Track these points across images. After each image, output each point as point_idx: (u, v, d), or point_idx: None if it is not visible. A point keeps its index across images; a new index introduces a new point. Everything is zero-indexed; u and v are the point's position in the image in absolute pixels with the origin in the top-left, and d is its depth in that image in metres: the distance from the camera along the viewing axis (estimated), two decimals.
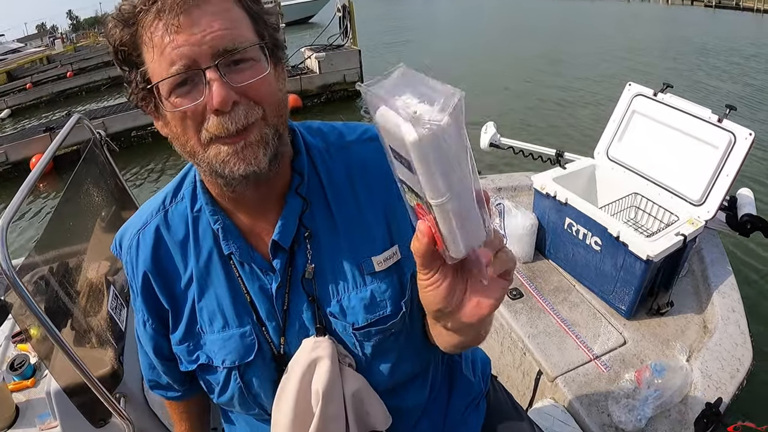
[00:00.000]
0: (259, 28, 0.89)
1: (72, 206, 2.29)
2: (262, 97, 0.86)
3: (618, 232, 2.63)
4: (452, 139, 0.54)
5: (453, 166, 0.56)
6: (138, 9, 0.82)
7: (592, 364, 2.53)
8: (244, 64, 0.84)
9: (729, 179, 2.71)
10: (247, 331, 1.03)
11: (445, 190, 0.57)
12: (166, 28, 0.80)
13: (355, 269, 1.02)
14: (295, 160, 1.03)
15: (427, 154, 0.54)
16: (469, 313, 0.70)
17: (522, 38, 22.56)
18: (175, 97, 0.84)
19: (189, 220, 1.04)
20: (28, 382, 2.32)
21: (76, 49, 38.70)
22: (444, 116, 0.52)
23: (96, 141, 2.55)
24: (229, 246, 1.01)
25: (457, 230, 0.61)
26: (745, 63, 15.69)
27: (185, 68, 0.81)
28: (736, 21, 30.28)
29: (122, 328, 2.08)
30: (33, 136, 10.36)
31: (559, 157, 3.63)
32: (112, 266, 2.29)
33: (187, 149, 0.90)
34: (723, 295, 2.81)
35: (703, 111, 2.86)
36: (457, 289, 0.69)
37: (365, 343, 1.04)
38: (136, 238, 1.07)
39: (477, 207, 0.61)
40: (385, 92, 0.57)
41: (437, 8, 48.53)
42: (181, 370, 1.11)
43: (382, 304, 1.02)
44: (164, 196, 1.09)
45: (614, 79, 12.99)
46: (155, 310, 1.09)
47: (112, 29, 0.86)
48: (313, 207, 1.02)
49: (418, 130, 0.52)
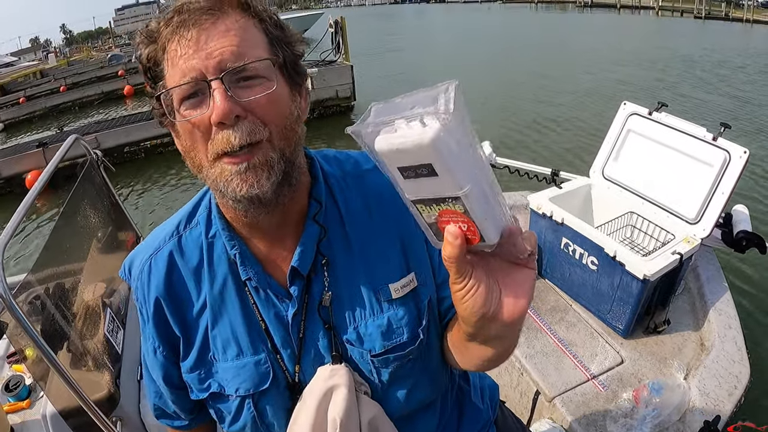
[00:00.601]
0: (275, 50, 0.89)
1: (69, 227, 2.29)
2: (268, 116, 0.85)
3: (615, 251, 2.64)
4: (462, 127, 0.56)
5: (469, 152, 0.58)
6: (161, 25, 0.85)
7: (590, 384, 2.52)
8: (254, 80, 0.84)
9: (724, 197, 2.72)
10: (262, 359, 1.02)
11: (470, 177, 0.58)
12: (180, 42, 0.82)
13: (372, 296, 1.02)
14: (314, 188, 1.02)
15: (449, 146, 0.55)
16: (509, 311, 0.72)
17: (513, 53, 22.66)
18: (184, 108, 0.85)
19: (204, 246, 1.03)
20: (23, 404, 2.30)
21: (69, 63, 38.90)
22: (451, 106, 0.54)
23: (93, 161, 2.55)
24: (246, 272, 1.00)
25: (488, 214, 0.62)
26: (732, 75, 15.85)
27: (192, 80, 0.82)
28: (725, 32, 30.54)
29: (118, 351, 2.08)
30: (26, 151, 10.32)
31: (555, 176, 3.64)
32: (108, 288, 2.28)
33: (196, 163, 0.89)
34: (719, 312, 2.82)
35: (697, 129, 2.88)
36: (493, 290, 0.71)
37: (383, 369, 1.03)
38: (148, 263, 1.06)
39: (494, 189, 0.63)
40: (376, 122, 0.59)
41: (428, 23, 48.96)
42: (192, 398, 1.09)
43: (398, 331, 1.02)
44: (178, 221, 1.08)
45: (605, 95, 13.13)
46: (166, 337, 1.07)
47: (139, 45, 0.89)
48: (331, 234, 1.02)
49: (433, 127, 0.54)
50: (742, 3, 42.92)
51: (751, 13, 37.64)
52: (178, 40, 0.83)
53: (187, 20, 0.82)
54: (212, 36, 0.82)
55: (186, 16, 0.82)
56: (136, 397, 2.05)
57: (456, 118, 0.54)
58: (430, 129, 0.54)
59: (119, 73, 23.47)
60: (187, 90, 0.83)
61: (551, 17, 49.49)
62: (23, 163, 10.06)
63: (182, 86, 0.83)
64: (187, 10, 0.83)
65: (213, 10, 0.83)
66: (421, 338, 1.04)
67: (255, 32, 0.87)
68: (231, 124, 0.82)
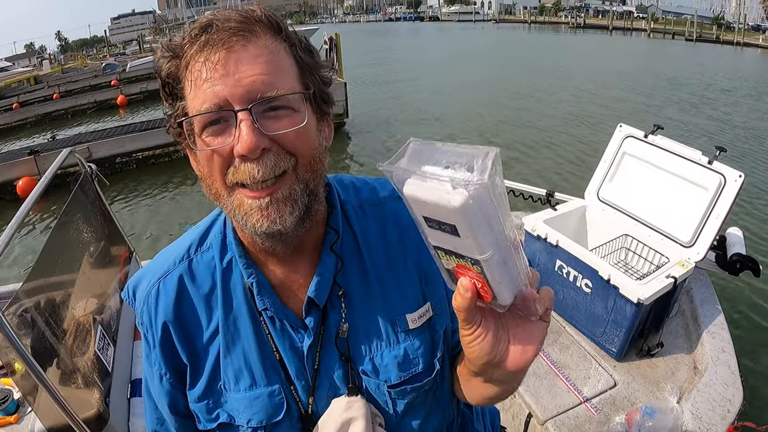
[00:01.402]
0: (305, 79, 0.86)
1: (62, 242, 2.27)
2: (295, 148, 0.82)
3: (609, 275, 2.64)
4: (492, 195, 0.55)
5: (496, 220, 0.57)
6: (186, 41, 0.80)
7: (583, 407, 2.51)
8: (282, 111, 0.81)
9: (719, 221, 2.74)
10: (276, 390, 0.99)
11: (491, 244, 0.58)
12: (206, 63, 0.78)
13: (388, 327, 1.00)
14: (331, 216, 1.00)
15: (475, 215, 0.55)
16: (515, 360, 0.72)
17: (507, 72, 22.92)
18: (206, 135, 0.81)
19: (217, 272, 1.00)
20: (11, 418, 2.27)
21: (63, 70, 39.00)
22: (485, 176, 0.53)
23: (87, 174, 2.54)
24: (263, 301, 0.96)
25: (505, 278, 0.62)
26: (717, 97, 16.10)
27: (217, 107, 0.78)
28: (715, 54, 30.98)
29: (108, 368, 2.05)
30: (18, 158, 10.27)
31: (550, 197, 3.65)
32: (99, 304, 2.26)
33: (212, 191, 0.86)
34: (713, 335, 2.82)
35: (693, 153, 2.90)
36: (502, 339, 0.72)
37: (399, 401, 1.02)
38: (156, 287, 1.01)
39: (515, 252, 0.62)
40: (410, 166, 0.58)
41: (422, 42, 49.30)
42: (199, 429, 1.05)
43: (414, 362, 1.00)
44: (189, 244, 1.04)
45: (597, 116, 13.28)
46: (173, 364, 1.03)
47: (159, 59, 0.85)
48: (347, 265, 0.99)
49: (462, 194, 0.53)
50: (733, 26, 43.65)
51: (742, 36, 38.26)
52: (203, 61, 0.78)
53: (215, 40, 0.77)
54: (242, 61, 0.77)
55: (215, 35, 0.78)
56: (125, 415, 2.02)
57: (487, 188, 0.54)
58: (459, 195, 0.53)
59: (112, 82, 23.53)
60: (209, 117, 0.79)
61: (544, 38, 50.02)
62: (14, 170, 10.01)
63: (204, 114, 0.79)
64: (216, 29, 0.78)
65: (244, 32, 0.79)
66: (437, 369, 1.03)
67: (286, 58, 0.83)
68: (256, 158, 0.79)
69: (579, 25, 64.02)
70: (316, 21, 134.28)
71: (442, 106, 16.12)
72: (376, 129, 13.34)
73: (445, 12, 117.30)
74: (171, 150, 11.28)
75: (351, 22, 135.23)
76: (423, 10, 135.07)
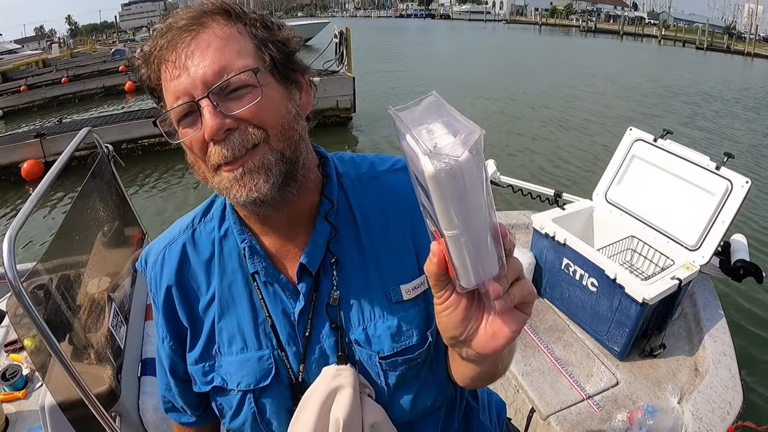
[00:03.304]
0: (263, 54, 0.89)
1: (79, 220, 2.29)
2: (262, 121, 0.87)
3: (615, 274, 2.67)
4: (469, 175, 0.55)
5: (468, 201, 0.57)
6: (152, 47, 0.88)
7: (585, 404, 2.54)
8: (241, 91, 0.85)
9: (725, 226, 2.76)
10: (266, 355, 1.02)
11: (458, 223, 0.58)
12: (167, 63, 0.86)
13: (382, 297, 1.01)
14: (326, 186, 1.03)
15: (444, 188, 0.56)
16: (483, 344, 0.70)
17: (517, 74, 22.82)
18: (182, 127, 0.88)
19: (216, 239, 1.06)
20: (19, 394, 2.30)
21: (72, 55, 38.85)
22: (463, 151, 0.54)
23: (104, 155, 2.56)
24: (255, 265, 1.01)
25: (469, 262, 0.62)
26: (726, 104, 16.09)
27: (182, 101, 0.85)
28: (725, 64, 30.88)
29: (121, 346, 2.07)
30: (24, 140, 10.25)
31: (558, 198, 3.67)
32: (113, 283, 2.28)
33: (201, 175, 0.93)
34: (714, 339, 2.85)
35: (701, 158, 2.92)
36: (473, 317, 0.70)
37: (390, 372, 1.03)
38: (162, 254, 1.08)
39: (491, 241, 0.62)
40: (413, 120, 0.59)
41: (433, 39, 49.13)
42: (195, 391, 1.10)
43: (408, 333, 1.01)
44: (194, 216, 1.11)
45: (607, 119, 13.24)
46: (174, 328, 1.08)
47: (139, 68, 0.92)
48: (342, 234, 1.02)
49: (435, 164, 0.54)
50: (744, 36, 43.43)
51: (753, 47, 38.06)
52: (166, 63, 0.86)
53: (171, 41, 0.85)
54: (195, 54, 0.84)
55: (169, 35, 0.86)
56: (135, 393, 2.04)
57: (464, 166, 0.55)
58: (434, 164, 0.54)
59: (120, 68, 23.46)
60: (181, 111, 0.86)
61: (555, 40, 49.87)
62: (20, 152, 9.99)
63: (175, 108, 0.86)
64: (170, 29, 0.86)
65: (192, 26, 0.86)
66: (429, 341, 1.02)
67: (239, 39, 0.88)
68: (222, 138, 0.85)
69: (590, 29, 63.79)
70: (327, 14, 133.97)
71: (450, 102, 16.07)
72: (383, 123, 13.27)
73: (457, 11, 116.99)
74: None
75: (362, 17, 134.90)
76: (434, 7, 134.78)
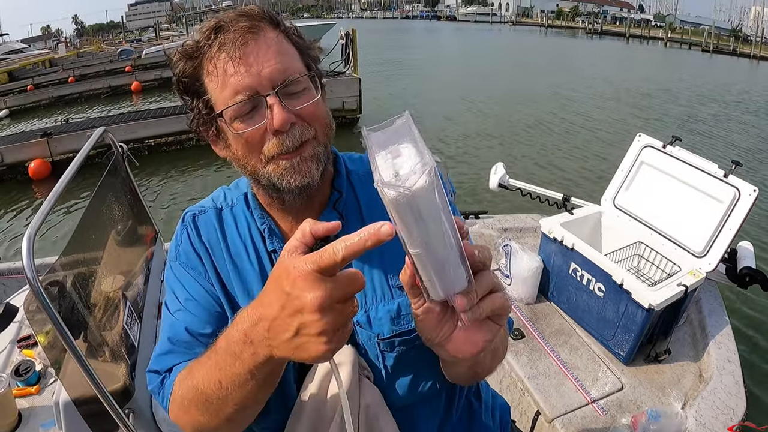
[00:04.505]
0: (305, 60, 1.02)
1: (95, 219, 2.32)
2: (315, 119, 0.99)
3: (622, 279, 2.69)
4: (425, 202, 0.59)
5: (427, 225, 0.62)
6: (201, 44, 0.95)
7: (590, 408, 2.56)
8: (300, 91, 0.97)
9: (731, 233, 2.78)
10: None
11: (419, 244, 0.64)
12: (228, 60, 0.92)
13: (384, 282, 1.08)
14: (335, 179, 1.14)
15: (402, 213, 0.60)
16: (455, 349, 0.77)
17: (523, 76, 22.82)
18: (239, 122, 0.95)
19: (239, 221, 1.14)
20: (32, 389, 2.32)
21: (79, 54, 38.93)
22: (417, 180, 0.58)
23: (119, 154, 2.60)
24: (273, 244, 1.10)
25: (435, 278, 0.68)
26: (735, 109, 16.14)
27: (248, 97, 0.93)
28: (731, 66, 30.84)
29: (135, 344, 2.10)
30: (30, 139, 10.33)
31: (566, 202, 3.69)
32: (127, 281, 2.31)
33: (248, 168, 1.01)
34: (719, 345, 2.86)
35: (709, 165, 2.94)
36: (447, 323, 0.77)
37: (387, 354, 1.07)
38: (193, 218, 1.16)
39: (457, 259, 0.67)
40: (381, 142, 0.65)
41: (439, 41, 49.14)
42: None
43: (407, 317, 1.06)
44: (216, 197, 1.21)
45: (614, 123, 13.25)
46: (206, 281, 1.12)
47: (176, 62, 0.98)
48: (349, 223, 1.09)
49: (391, 193, 0.58)
50: (750, 39, 43.28)
51: (759, 49, 37.94)
52: (225, 59, 0.92)
53: (231, 40, 0.92)
54: (259, 54, 0.93)
55: (231, 35, 0.92)
56: (149, 391, 2.07)
57: (420, 194, 0.58)
58: (389, 192, 0.59)
59: (127, 68, 23.53)
60: (242, 107, 0.94)
61: (561, 42, 49.81)
62: (27, 151, 10.05)
63: (238, 104, 0.93)
64: (227, 29, 0.93)
65: (253, 29, 0.94)
66: None
67: (288, 46, 0.99)
68: (286, 131, 0.94)
69: (596, 31, 63.68)
70: (333, 15, 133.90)
71: (455, 104, 16.08)
72: None
73: (463, 12, 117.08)
74: (183, 138, 11.33)
75: (368, 18, 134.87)
76: (440, 9, 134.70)
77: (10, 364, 2.42)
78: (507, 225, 4.10)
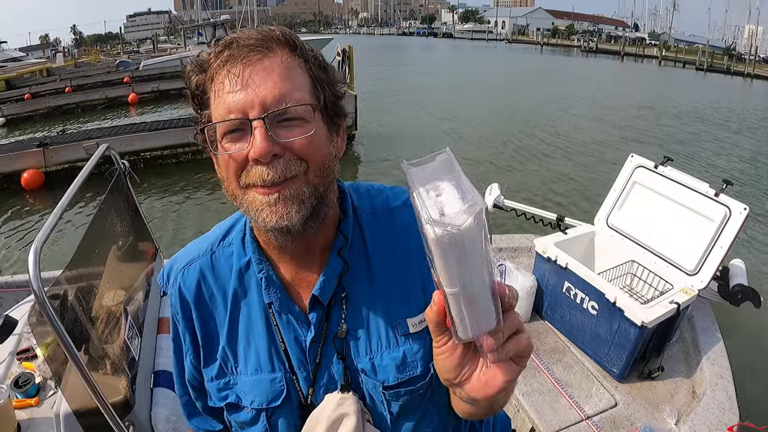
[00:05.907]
0: (317, 92, 0.92)
1: (98, 235, 2.35)
2: (306, 155, 0.89)
3: (615, 297, 2.74)
4: (470, 242, 0.59)
5: (468, 264, 0.61)
6: (211, 56, 0.91)
7: (584, 424, 2.59)
8: (294, 121, 0.88)
9: (723, 251, 2.83)
10: (278, 378, 1.06)
11: (457, 283, 0.63)
12: (227, 76, 0.87)
13: (389, 329, 1.04)
14: (342, 222, 1.06)
15: (445, 252, 0.60)
16: (476, 389, 0.74)
17: (517, 95, 22.86)
18: (226, 141, 0.89)
19: (235, 266, 1.09)
20: (31, 401, 2.33)
21: (76, 64, 38.72)
22: (465, 220, 0.58)
23: (121, 171, 2.63)
24: (270, 296, 1.04)
25: (467, 317, 0.66)
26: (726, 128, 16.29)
27: (235, 116, 0.86)
28: (724, 85, 31.08)
29: (135, 357, 2.13)
30: (26, 149, 10.19)
31: (560, 222, 3.73)
32: (128, 296, 2.34)
33: (230, 192, 0.94)
34: (712, 362, 2.90)
35: (700, 185, 3.00)
36: (468, 363, 0.74)
37: (393, 402, 1.07)
38: (182, 272, 1.12)
39: (490, 298, 0.65)
40: (423, 177, 0.64)
41: (436, 58, 49.36)
42: (209, 405, 1.15)
43: (412, 365, 1.04)
44: (213, 239, 1.14)
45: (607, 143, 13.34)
46: (193, 343, 1.13)
47: (189, 73, 0.94)
48: (354, 268, 1.05)
49: (438, 231, 0.58)
50: (744, 57, 43.61)
51: (752, 68, 38.21)
52: (225, 74, 0.87)
53: (235, 56, 0.87)
54: (258, 74, 0.86)
55: (235, 51, 0.87)
56: (148, 404, 2.09)
57: (466, 234, 0.58)
58: (433, 230, 0.58)
59: (125, 79, 23.50)
60: (230, 125, 0.88)
61: (556, 59, 50.14)
62: (22, 160, 9.89)
63: (226, 122, 0.87)
64: (236, 45, 0.88)
65: (261, 48, 0.88)
66: (432, 372, 1.04)
67: (299, 73, 0.90)
68: (267, 162, 0.87)
69: (591, 49, 64.00)
70: (330, 31, 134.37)
71: (452, 122, 16.16)
72: (385, 142, 13.32)
73: (459, 30, 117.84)
74: (179, 152, 11.26)
75: (365, 34, 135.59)
76: (437, 26, 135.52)
77: (10, 376, 2.44)
78: (501, 245, 4.17)
